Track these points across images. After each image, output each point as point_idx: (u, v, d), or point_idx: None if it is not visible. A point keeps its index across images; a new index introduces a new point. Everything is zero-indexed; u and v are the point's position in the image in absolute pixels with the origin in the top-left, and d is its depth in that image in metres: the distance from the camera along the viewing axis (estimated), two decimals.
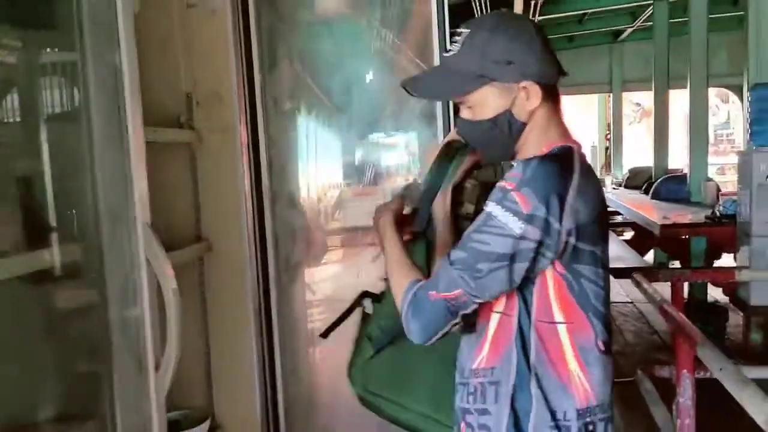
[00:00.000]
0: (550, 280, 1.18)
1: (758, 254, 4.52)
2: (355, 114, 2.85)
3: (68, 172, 1.59)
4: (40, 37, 1.71)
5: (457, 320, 1.19)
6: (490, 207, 1.15)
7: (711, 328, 4.87)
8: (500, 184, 1.16)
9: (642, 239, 6.83)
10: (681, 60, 6.68)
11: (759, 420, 1.78)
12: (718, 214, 5.28)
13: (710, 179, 6.60)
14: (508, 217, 1.11)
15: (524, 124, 1.24)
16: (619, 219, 8.26)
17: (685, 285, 5.67)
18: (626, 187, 9.11)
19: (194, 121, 2.23)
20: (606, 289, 1.24)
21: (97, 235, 1.56)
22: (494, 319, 1.23)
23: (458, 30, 1.26)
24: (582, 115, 18.67)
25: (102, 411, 1.58)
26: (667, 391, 3.20)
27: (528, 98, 1.22)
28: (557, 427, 1.18)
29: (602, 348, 1.22)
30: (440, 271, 1.19)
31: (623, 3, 8.69)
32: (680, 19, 7.09)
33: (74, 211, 1.58)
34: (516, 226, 1.11)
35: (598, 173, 12.36)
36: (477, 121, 1.24)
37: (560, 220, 1.12)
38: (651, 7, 8.44)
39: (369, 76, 3.11)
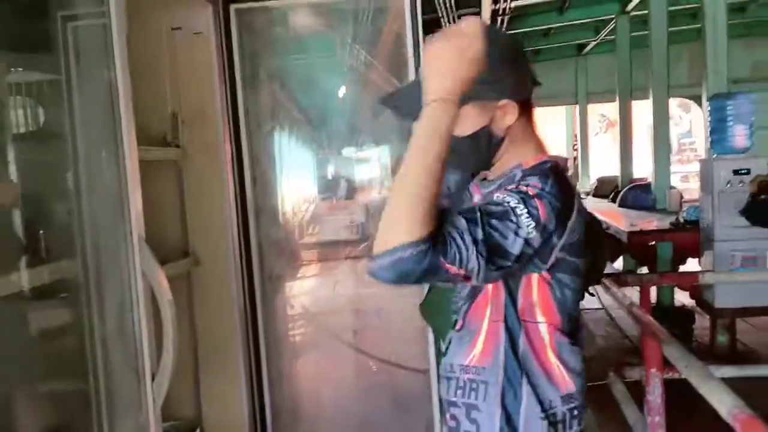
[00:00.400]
0: (535, 284, 1.26)
1: (720, 258, 4.70)
2: (333, 129, 2.95)
3: (67, 190, 1.65)
4: (37, 62, 1.77)
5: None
6: (514, 203, 1.14)
7: (678, 330, 5.02)
8: (520, 188, 1.18)
9: (611, 247, 7.02)
10: (644, 72, 6.90)
11: (722, 412, 1.89)
12: (681, 220, 5.47)
13: (673, 187, 6.82)
14: (527, 219, 1.13)
15: (502, 139, 1.29)
16: None
17: (653, 290, 5.88)
18: (594, 195, 9.34)
19: (180, 140, 2.31)
20: (582, 294, 1.34)
21: (94, 250, 1.62)
22: (486, 324, 1.30)
23: None
24: (550, 127, 19.03)
25: (100, 420, 1.63)
26: (638, 392, 3.32)
27: (505, 115, 1.26)
28: (546, 416, 1.26)
29: (574, 342, 1.31)
30: (455, 239, 1.09)
31: (587, 17, 8.94)
32: (642, 33, 7.33)
33: (72, 227, 1.64)
34: (529, 230, 1.13)
35: None
36: (456, 137, 1.23)
37: (560, 237, 1.19)
38: (614, 21, 8.71)
39: (344, 93, 3.22)
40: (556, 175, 1.23)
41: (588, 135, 12.25)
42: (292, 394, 2.76)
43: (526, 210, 1.14)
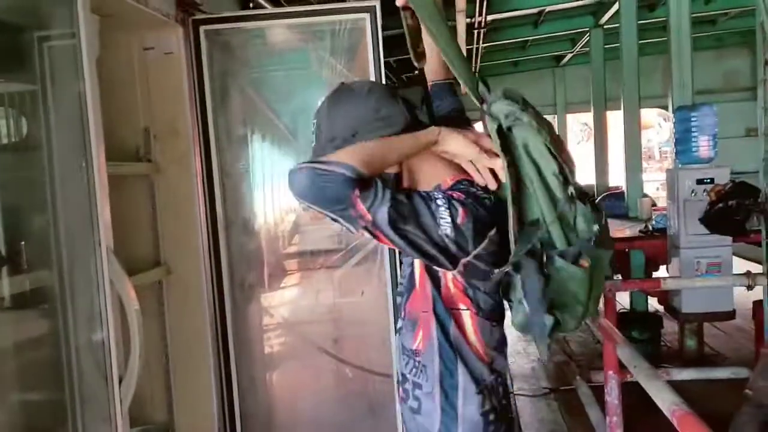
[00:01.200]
0: (450, 281, 1.41)
1: (686, 264, 4.84)
2: (306, 140, 3.04)
3: (41, 202, 1.74)
4: (14, 79, 1.86)
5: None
6: (440, 201, 1.29)
7: (647, 335, 5.15)
8: (447, 193, 1.33)
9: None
10: (619, 83, 7.06)
11: (663, 408, 2.01)
12: (650, 228, 5.61)
13: (646, 195, 6.97)
14: (447, 216, 1.27)
15: (397, 174, 1.42)
16: None
17: (627, 296, 6.01)
18: None
19: (152, 154, 2.40)
20: (498, 296, 1.46)
21: (63, 261, 1.71)
22: (420, 314, 1.45)
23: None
24: None
25: (72, 422, 1.72)
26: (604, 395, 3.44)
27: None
28: (480, 390, 1.42)
29: (493, 323, 1.46)
30: (379, 189, 1.24)
31: (562, 30, 9.12)
32: (615, 45, 7.50)
33: (47, 237, 1.72)
34: (445, 226, 1.27)
35: None
36: None
37: (476, 245, 1.31)
38: (588, 33, 8.90)
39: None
40: (474, 192, 1.38)
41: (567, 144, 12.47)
42: (264, 402, 2.85)
43: (447, 210, 1.28)
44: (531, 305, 1.34)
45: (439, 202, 1.29)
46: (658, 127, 20.21)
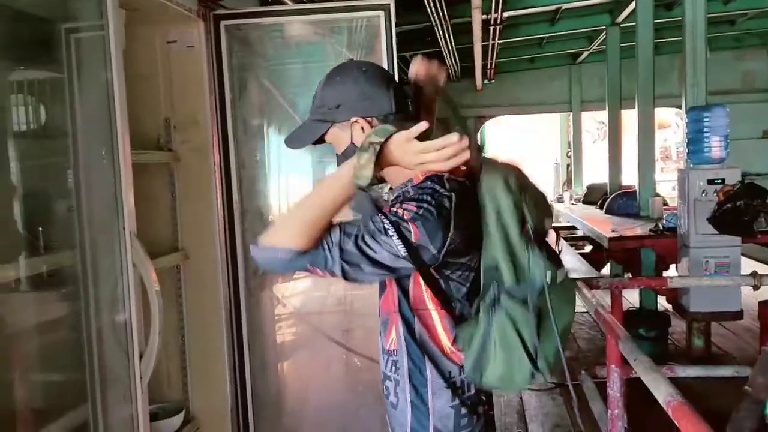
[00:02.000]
0: (414, 284, 1.47)
1: (695, 263, 4.88)
2: None
3: (66, 188, 1.85)
4: (43, 70, 1.96)
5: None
6: (387, 226, 1.33)
7: (654, 333, 5.21)
8: (397, 210, 1.36)
9: (599, 253, 7.19)
10: (635, 81, 7.07)
11: (660, 399, 2.08)
12: (661, 227, 5.64)
13: (657, 194, 6.97)
14: (398, 241, 1.32)
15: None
16: (578, 233, 8.64)
17: (637, 295, 6.06)
18: (584, 202, 9.48)
19: (172, 144, 2.50)
20: (476, 283, 1.49)
21: (89, 244, 1.82)
22: (395, 316, 1.51)
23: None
24: (547, 134, 19.18)
25: (95, 395, 1.83)
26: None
27: (363, 131, 1.47)
28: (449, 385, 1.48)
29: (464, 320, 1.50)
30: (325, 249, 1.32)
31: (578, 28, 9.12)
32: (632, 43, 7.50)
33: (73, 222, 1.83)
34: (402, 250, 1.33)
35: (559, 189, 12.62)
36: (338, 155, 1.53)
37: (439, 251, 1.37)
38: (605, 31, 8.90)
39: None
40: (434, 193, 1.40)
41: (581, 142, 12.41)
42: (275, 386, 2.95)
43: (396, 234, 1.32)
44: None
45: (389, 232, 1.33)
46: (675, 126, 20.06)
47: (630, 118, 8.52)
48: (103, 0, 1.81)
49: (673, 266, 5.80)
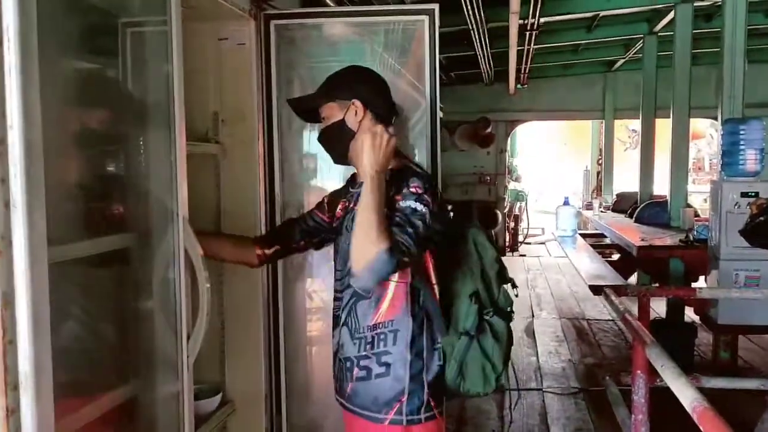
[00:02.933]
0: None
1: (725, 276, 4.89)
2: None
3: (135, 174, 1.97)
4: (101, 62, 2.07)
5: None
6: (409, 203, 1.68)
7: (679, 344, 5.21)
8: (411, 190, 1.70)
9: (627, 261, 7.19)
10: (670, 91, 7.05)
11: (685, 404, 2.13)
12: (691, 238, 5.64)
13: (689, 205, 6.95)
14: (426, 210, 1.68)
15: (353, 134, 1.80)
16: (606, 241, 8.62)
17: (663, 305, 6.05)
18: (613, 210, 9.45)
19: (219, 137, 2.61)
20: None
21: (147, 227, 1.93)
22: (391, 286, 1.78)
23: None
24: (578, 140, 19.07)
25: (145, 371, 1.94)
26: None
27: (353, 113, 1.81)
28: (435, 348, 1.82)
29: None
30: (398, 241, 1.62)
31: (616, 35, 9.10)
32: (669, 53, 7.48)
33: (136, 206, 1.95)
34: (428, 216, 1.69)
35: (588, 197, 12.54)
36: (321, 127, 1.91)
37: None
38: (641, 40, 8.86)
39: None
40: (427, 175, 1.85)
41: (612, 150, 12.34)
42: (306, 374, 3.05)
43: (422, 205, 1.69)
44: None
45: (419, 208, 1.70)
46: (709, 137, 19.81)
47: (663, 127, 8.49)
48: None
49: (701, 278, 5.80)
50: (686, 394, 2.16)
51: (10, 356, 1.20)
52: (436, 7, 2.58)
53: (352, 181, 1.97)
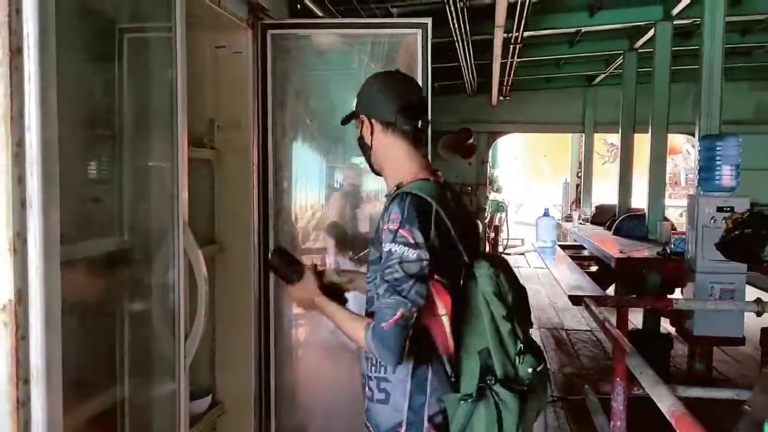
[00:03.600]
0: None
1: (701, 288, 5.01)
2: (347, 140, 3.30)
3: (138, 178, 2.01)
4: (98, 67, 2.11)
5: (410, 332, 1.57)
6: (387, 246, 1.57)
7: (655, 354, 5.32)
8: (388, 227, 1.59)
9: (605, 273, 7.32)
10: (649, 106, 7.21)
11: (664, 410, 2.22)
12: (668, 251, 5.78)
13: (666, 219, 7.10)
14: (404, 249, 1.56)
15: (370, 147, 1.79)
16: (585, 252, 8.77)
17: (640, 316, 6.18)
18: (592, 222, 9.61)
19: (215, 143, 2.67)
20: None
21: (147, 230, 1.98)
22: None
23: None
24: (558, 153, 19.33)
25: (143, 370, 1.98)
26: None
27: (365, 127, 1.79)
28: (440, 384, 1.65)
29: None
30: (379, 307, 1.58)
31: (597, 51, 9.29)
32: (648, 69, 7.66)
33: (138, 208, 1.99)
34: (412, 253, 1.56)
35: (567, 209, 12.71)
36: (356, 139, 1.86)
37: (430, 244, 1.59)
38: (622, 56, 9.06)
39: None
40: (413, 197, 1.63)
41: (592, 163, 12.55)
42: (295, 378, 3.10)
43: (398, 245, 1.57)
44: None
45: (396, 254, 1.58)
46: (686, 153, 20.17)
47: (641, 142, 8.67)
48: (173, 7, 1.96)
49: (678, 290, 5.93)
50: (664, 400, 2.25)
51: (22, 351, 1.25)
52: (428, 21, 2.67)
53: (389, 201, 1.78)
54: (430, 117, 2.03)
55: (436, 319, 1.65)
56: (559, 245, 8.21)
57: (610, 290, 7.40)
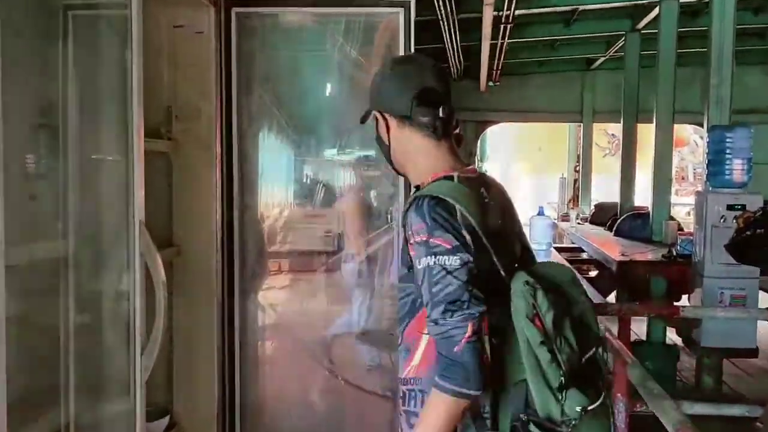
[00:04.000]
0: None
1: (709, 294, 5.10)
2: (319, 131, 3.33)
3: (87, 173, 2.03)
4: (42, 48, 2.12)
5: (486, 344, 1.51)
6: (424, 261, 1.53)
7: (660, 367, 5.41)
8: (415, 240, 1.55)
9: (606, 277, 7.41)
10: (653, 93, 7.29)
11: (668, 426, 2.29)
12: (674, 253, 5.86)
13: (672, 218, 7.20)
14: (444, 258, 1.52)
15: (388, 146, 1.76)
16: (584, 255, 8.87)
17: (644, 327, 6.27)
18: (591, 222, 9.71)
19: (173, 133, 2.69)
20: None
21: (98, 231, 2.00)
22: (423, 339, 1.63)
23: None
24: (554, 144, 19.48)
25: (94, 387, 2.00)
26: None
27: (380, 124, 1.76)
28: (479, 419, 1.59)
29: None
30: (440, 335, 1.50)
31: (596, 31, 9.40)
32: (652, 51, 7.74)
33: (87, 207, 2.01)
34: (453, 259, 1.52)
35: (564, 207, 12.80)
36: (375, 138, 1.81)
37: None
38: (624, 37, 9.17)
39: (332, 92, 3.58)
40: (431, 200, 1.59)
41: (591, 156, 12.67)
42: (264, 394, 3.13)
43: (432, 256, 1.53)
44: None
45: (437, 267, 1.54)
46: (693, 144, 20.42)
47: (645, 132, 8.78)
48: None
49: (684, 297, 6.03)
50: (670, 417, 2.31)
51: None
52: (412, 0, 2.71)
53: (406, 208, 1.71)
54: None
55: None
56: (555, 248, 8.28)
57: (611, 297, 7.49)
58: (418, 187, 1.72)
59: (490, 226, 1.61)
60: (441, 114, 1.72)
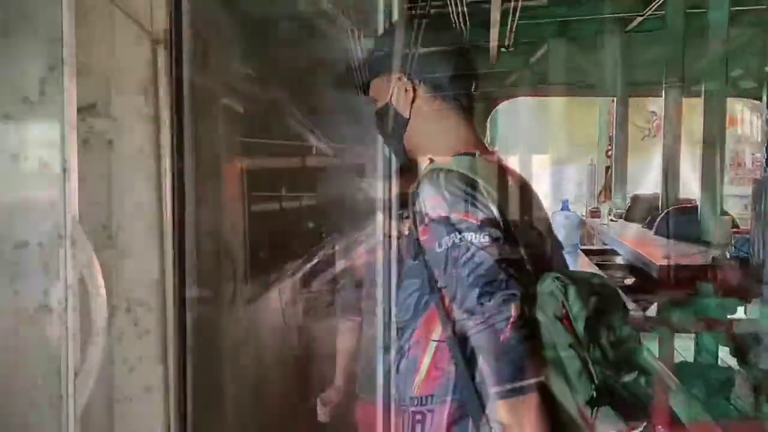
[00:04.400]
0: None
1: None
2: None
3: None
4: None
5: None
6: (446, 241, 1.55)
7: (707, 392, 5.43)
8: (431, 218, 1.58)
9: (644, 286, 7.41)
10: (701, 62, 7.28)
11: None
12: (728, 255, 5.88)
13: (726, 213, 7.20)
14: (471, 234, 1.55)
15: (407, 121, 1.73)
16: (618, 260, 8.87)
17: (691, 343, 6.28)
18: (626, 219, 9.68)
19: (111, 109, 2.68)
20: None
21: (15, 229, 2.00)
22: (431, 346, 1.67)
23: None
24: (582, 125, 19.50)
25: (12, 420, 2.00)
26: None
27: (401, 92, 1.71)
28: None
29: None
30: (481, 324, 1.52)
31: None
32: (702, 10, 7.72)
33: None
34: (482, 236, 1.55)
35: (594, 200, 12.84)
36: (376, 111, 1.78)
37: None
38: None
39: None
40: (448, 172, 1.63)
41: (627, 138, 12.61)
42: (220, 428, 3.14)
43: (457, 233, 1.57)
44: None
45: (464, 244, 1.59)
46: (750, 123, 20.45)
47: (691, 110, 8.77)
48: None
49: (740, 309, 6.05)
50: None
51: None
52: None
53: (417, 186, 1.76)
54: None
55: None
56: (583, 250, 8.30)
57: (652, 310, 7.51)
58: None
59: (515, 212, 1.65)
60: (474, 89, 1.78)
